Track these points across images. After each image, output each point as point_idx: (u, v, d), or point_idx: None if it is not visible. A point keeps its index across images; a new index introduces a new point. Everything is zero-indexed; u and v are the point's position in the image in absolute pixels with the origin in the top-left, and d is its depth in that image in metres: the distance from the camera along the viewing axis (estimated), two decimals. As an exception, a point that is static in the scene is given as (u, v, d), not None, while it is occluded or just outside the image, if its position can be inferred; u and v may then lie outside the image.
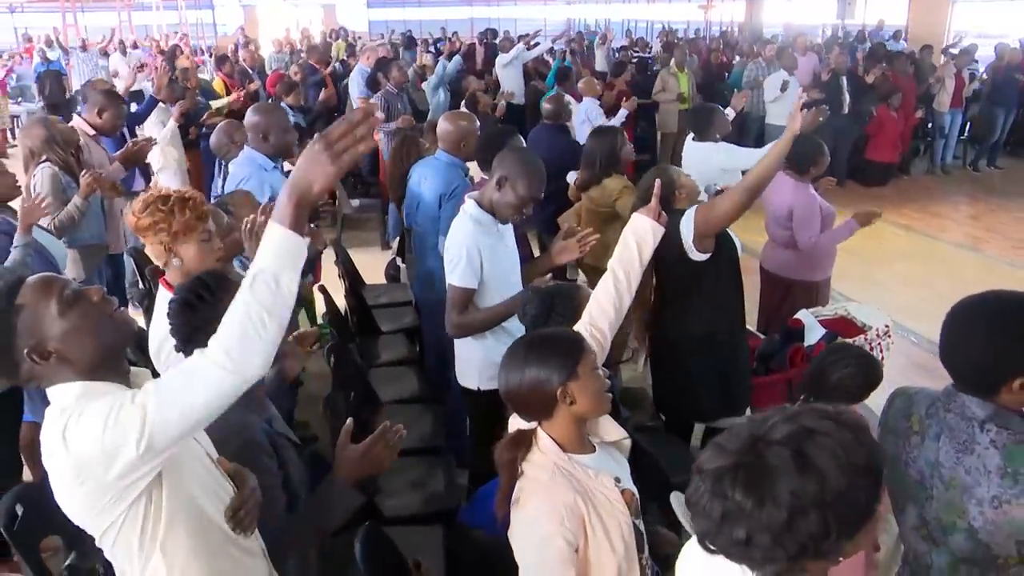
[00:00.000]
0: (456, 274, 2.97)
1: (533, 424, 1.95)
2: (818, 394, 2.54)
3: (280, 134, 4.01)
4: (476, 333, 3.05)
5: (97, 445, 1.42)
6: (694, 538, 1.46)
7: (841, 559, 1.23)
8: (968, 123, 10.61)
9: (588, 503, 1.79)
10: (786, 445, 1.17)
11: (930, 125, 10.41)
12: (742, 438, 1.21)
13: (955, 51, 11.15)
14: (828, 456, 1.15)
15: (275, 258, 1.42)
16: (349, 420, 2.15)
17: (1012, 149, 11.18)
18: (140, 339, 2.45)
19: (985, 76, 10.35)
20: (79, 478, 1.46)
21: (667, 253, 3.15)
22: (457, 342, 3.17)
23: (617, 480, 1.91)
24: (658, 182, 2.60)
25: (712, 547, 1.23)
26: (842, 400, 2.47)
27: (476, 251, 2.95)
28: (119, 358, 1.65)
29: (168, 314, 2.03)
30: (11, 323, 1.50)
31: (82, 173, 4.18)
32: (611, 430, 2.07)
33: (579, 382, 1.85)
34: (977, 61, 10.82)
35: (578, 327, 2.26)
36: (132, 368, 1.71)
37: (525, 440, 1.93)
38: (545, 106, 6.02)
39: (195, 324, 1.93)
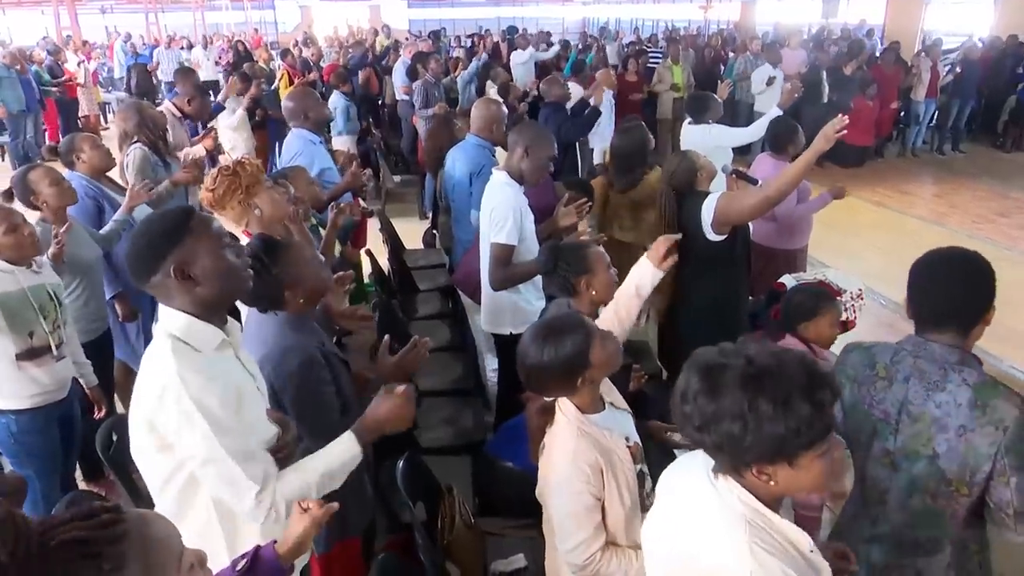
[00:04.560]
0: (503, 233, 2.96)
1: None
2: (791, 315, 2.81)
3: (317, 110, 4.12)
4: (515, 285, 3.05)
5: (172, 430, 1.53)
6: (676, 461, 1.48)
7: (772, 483, 1.24)
8: (937, 111, 10.39)
9: (606, 460, 1.81)
10: (751, 365, 1.20)
11: (903, 114, 10.18)
12: (735, 350, 1.25)
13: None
14: (772, 390, 1.17)
15: (341, 468, 1.71)
16: (387, 336, 2.26)
17: (974, 136, 10.92)
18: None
19: (959, 69, 10.10)
20: (150, 423, 1.55)
21: (688, 230, 3.13)
22: (491, 294, 3.16)
23: (627, 439, 1.92)
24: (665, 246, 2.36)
25: (674, 421, 1.30)
26: (801, 319, 2.78)
27: (519, 212, 2.97)
28: (228, 305, 1.69)
29: None
30: (179, 239, 1.54)
31: (181, 162, 4.25)
32: (620, 401, 2.07)
33: (592, 366, 1.84)
34: (953, 64, 10.58)
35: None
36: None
37: (552, 409, 1.94)
38: (542, 86, 5.91)
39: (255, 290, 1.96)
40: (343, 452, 1.71)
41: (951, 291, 1.69)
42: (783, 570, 1.19)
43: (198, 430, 1.50)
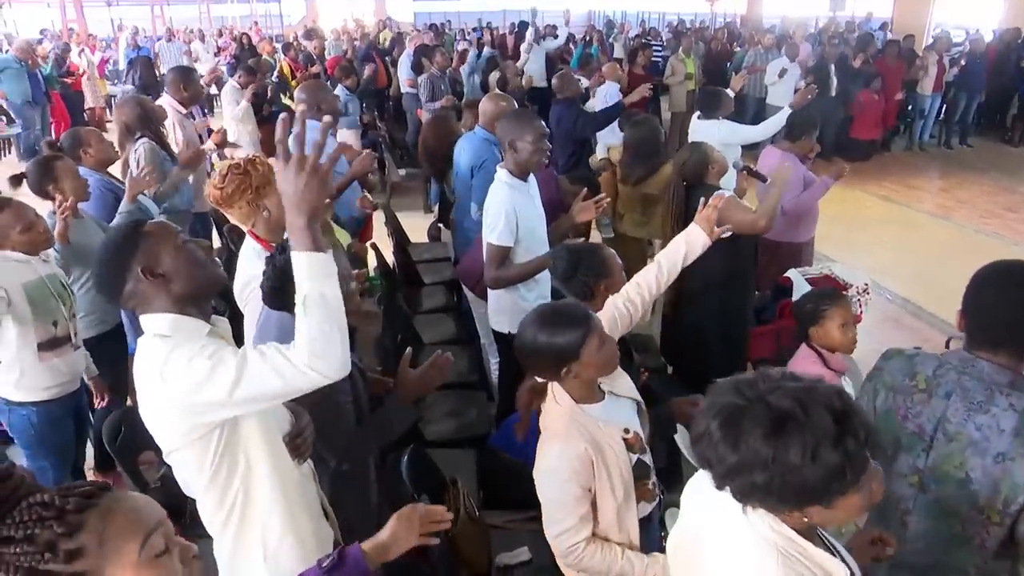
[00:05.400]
0: (495, 234, 2.95)
1: None
2: (800, 322, 2.67)
3: (330, 102, 4.14)
4: (511, 285, 3.05)
5: (191, 387, 1.45)
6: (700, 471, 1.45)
7: (806, 519, 1.18)
8: (944, 105, 10.34)
9: (597, 452, 1.80)
10: (772, 412, 1.11)
11: (910, 107, 10.12)
12: (753, 387, 1.16)
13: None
14: (798, 442, 1.09)
15: (312, 280, 1.40)
16: (408, 350, 2.22)
17: (981, 130, 10.85)
18: (224, 289, 2.49)
19: (963, 62, 10.06)
20: (168, 402, 1.49)
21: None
22: (492, 292, 3.17)
23: (626, 431, 1.90)
24: (711, 207, 2.35)
25: (694, 453, 1.24)
26: (807, 324, 2.64)
27: (513, 213, 2.94)
28: (207, 300, 1.69)
29: (265, 273, 2.06)
30: (136, 244, 1.57)
31: (184, 150, 4.24)
32: (625, 387, 2.05)
33: (580, 362, 1.82)
34: (957, 58, 10.51)
35: (616, 297, 2.22)
36: (214, 315, 1.73)
37: (542, 389, 1.94)
38: (555, 82, 5.87)
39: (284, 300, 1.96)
40: (298, 266, 1.42)
41: (1009, 312, 1.53)
42: None
43: (211, 367, 1.44)
